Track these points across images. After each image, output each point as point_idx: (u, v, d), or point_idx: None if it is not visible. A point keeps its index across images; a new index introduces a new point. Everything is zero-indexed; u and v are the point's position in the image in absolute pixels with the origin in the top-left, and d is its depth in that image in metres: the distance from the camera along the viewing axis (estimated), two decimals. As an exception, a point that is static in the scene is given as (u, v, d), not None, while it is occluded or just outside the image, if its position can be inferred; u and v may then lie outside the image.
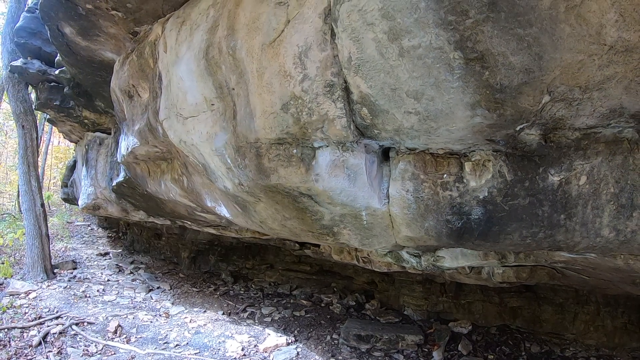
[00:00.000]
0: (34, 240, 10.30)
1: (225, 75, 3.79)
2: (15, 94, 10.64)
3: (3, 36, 10.94)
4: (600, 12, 2.05)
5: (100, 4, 5.01)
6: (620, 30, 2.08)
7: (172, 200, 7.20)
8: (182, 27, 4.36)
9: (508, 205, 3.22)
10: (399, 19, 2.46)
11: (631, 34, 2.07)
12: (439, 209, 3.48)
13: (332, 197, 3.76)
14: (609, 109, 2.54)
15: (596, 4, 2.03)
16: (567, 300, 7.98)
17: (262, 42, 3.29)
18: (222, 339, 7.83)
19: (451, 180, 3.36)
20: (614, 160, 2.81)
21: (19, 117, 10.64)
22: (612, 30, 2.09)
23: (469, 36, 2.34)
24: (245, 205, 4.80)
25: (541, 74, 2.38)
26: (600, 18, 2.07)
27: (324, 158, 3.54)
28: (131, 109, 6.39)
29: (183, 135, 4.70)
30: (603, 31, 2.11)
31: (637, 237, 2.91)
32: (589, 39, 2.16)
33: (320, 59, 3.01)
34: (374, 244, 4.36)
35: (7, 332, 7.07)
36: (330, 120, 3.26)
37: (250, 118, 3.63)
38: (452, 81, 2.60)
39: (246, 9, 3.40)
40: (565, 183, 2.97)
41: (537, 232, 3.27)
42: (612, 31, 2.09)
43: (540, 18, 2.14)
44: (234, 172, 4.25)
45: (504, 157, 3.13)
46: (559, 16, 2.12)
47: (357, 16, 2.63)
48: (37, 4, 10.42)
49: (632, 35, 2.07)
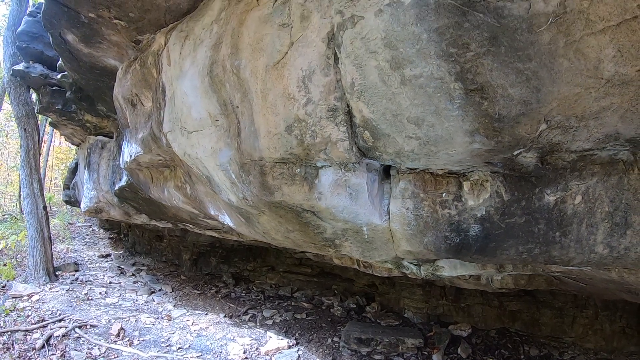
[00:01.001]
0: (36, 243, 10.30)
1: (230, 93, 3.83)
2: (17, 97, 10.61)
3: (5, 39, 10.91)
4: (598, 47, 2.11)
5: (102, 13, 5.03)
6: (618, 65, 2.13)
7: (175, 206, 7.23)
8: (185, 41, 4.40)
9: (505, 223, 3.28)
10: (402, 48, 2.52)
11: (628, 69, 2.12)
12: (437, 226, 3.55)
13: (334, 214, 3.83)
14: (605, 135, 2.59)
15: (595, 39, 2.09)
16: (566, 304, 8.02)
17: (266, 64, 3.33)
18: (224, 341, 7.85)
19: (450, 199, 3.42)
20: (609, 181, 2.86)
21: (21, 120, 10.63)
22: (609, 65, 2.14)
23: (470, 68, 2.40)
24: (249, 216, 4.85)
25: (539, 105, 2.44)
26: (598, 53, 2.12)
27: (326, 177, 3.61)
28: (134, 118, 6.41)
29: (187, 148, 4.74)
30: (601, 66, 2.16)
31: (631, 254, 2.96)
32: (586, 73, 2.21)
33: (324, 83, 3.06)
34: (375, 256, 4.42)
35: (11, 334, 7.08)
36: (333, 143, 3.32)
37: (255, 137, 3.68)
38: (452, 110, 2.67)
39: (250, 28, 3.45)
40: (561, 202, 3.03)
41: (533, 248, 3.33)
42: (610, 66, 2.14)
43: (540, 53, 2.20)
44: (238, 187, 4.31)
45: (502, 177, 3.19)
46: (557, 51, 2.17)
47: (360, 43, 2.68)
48: (39, 8, 10.50)
49: (629, 70, 2.13)
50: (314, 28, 2.99)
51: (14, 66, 10.36)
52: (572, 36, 2.11)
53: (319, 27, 2.96)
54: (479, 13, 2.19)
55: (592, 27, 2.05)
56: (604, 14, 2.01)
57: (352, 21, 2.67)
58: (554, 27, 2.10)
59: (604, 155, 2.81)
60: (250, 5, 3.50)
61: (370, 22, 2.58)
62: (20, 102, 10.63)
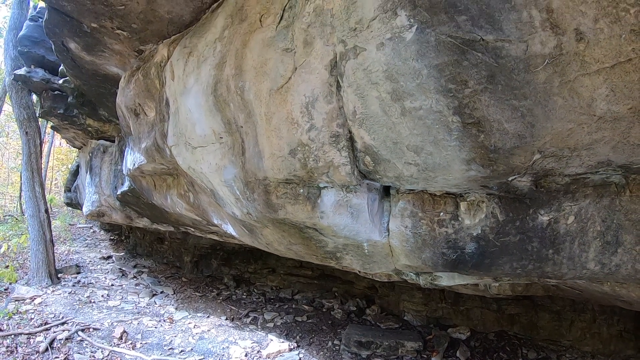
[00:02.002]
0: (38, 245, 10.32)
1: (234, 112, 3.90)
2: (19, 100, 10.63)
3: (6, 42, 10.92)
4: (592, 87, 2.19)
5: (105, 24, 5.07)
6: (611, 104, 2.21)
7: (178, 213, 7.29)
8: (189, 58, 4.45)
9: (499, 241, 3.37)
10: (402, 82, 2.61)
11: (620, 107, 2.21)
12: (435, 243, 3.64)
13: (335, 232, 3.92)
14: (597, 162, 2.67)
15: (589, 80, 2.17)
16: (564, 308, 8.05)
17: (269, 87, 3.41)
18: (226, 344, 7.87)
19: (447, 218, 3.51)
20: (601, 202, 2.95)
21: (23, 124, 10.65)
22: (602, 103, 2.23)
23: (467, 103, 2.50)
24: (252, 229, 4.93)
25: (533, 139, 2.53)
26: (592, 92, 2.21)
27: (328, 198, 3.71)
28: (137, 127, 6.46)
29: (192, 163, 4.81)
30: (594, 104, 2.25)
31: (622, 270, 3.05)
32: (579, 110, 2.30)
33: (327, 110, 3.15)
34: (375, 268, 4.51)
35: (14, 338, 7.10)
36: (335, 167, 3.41)
37: (259, 158, 3.76)
38: (449, 140, 2.76)
39: (254, 50, 3.52)
40: (554, 222, 3.12)
41: (527, 265, 3.42)
42: (603, 104, 2.23)
43: (535, 91, 2.29)
44: (242, 203, 4.39)
45: (497, 199, 3.28)
46: (552, 90, 2.26)
47: (362, 74, 2.77)
48: (40, 13, 10.52)
49: (622, 108, 2.21)
50: (317, 55, 3.06)
51: (15, 70, 10.37)
52: (567, 76, 2.19)
53: (322, 55, 3.03)
54: (477, 52, 2.28)
55: (587, 68, 2.14)
56: (599, 57, 2.09)
57: (355, 52, 2.75)
58: (549, 67, 2.19)
59: (597, 179, 2.89)
60: (253, 26, 3.56)
61: (372, 54, 2.66)
62: (21, 106, 10.65)
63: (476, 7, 2.20)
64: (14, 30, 10.73)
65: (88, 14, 4.93)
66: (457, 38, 2.30)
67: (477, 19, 2.22)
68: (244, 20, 3.70)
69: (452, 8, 2.26)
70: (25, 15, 11.08)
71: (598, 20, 2.01)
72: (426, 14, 2.35)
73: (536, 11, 2.09)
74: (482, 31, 2.23)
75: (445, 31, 2.32)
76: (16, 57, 10.62)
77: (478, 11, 2.20)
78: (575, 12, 2.03)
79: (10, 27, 10.91)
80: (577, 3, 2.01)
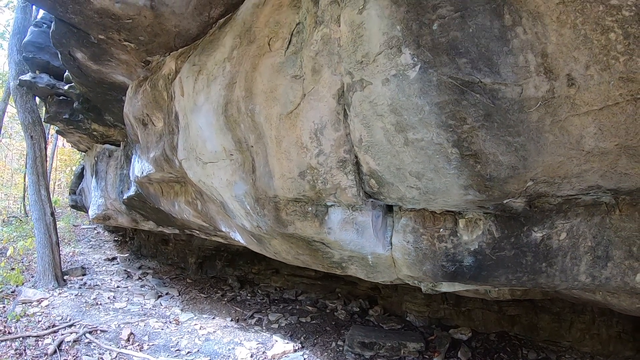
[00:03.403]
0: (44, 249, 10.35)
1: (244, 132, 4.05)
2: (23, 104, 10.66)
3: (10, 47, 10.99)
4: (581, 126, 2.36)
5: (112, 35, 5.12)
6: (598, 141, 2.38)
7: (185, 219, 7.39)
8: (199, 76, 4.57)
9: (495, 255, 3.53)
10: (406, 116, 2.79)
11: (607, 143, 2.38)
12: (435, 257, 3.81)
13: (342, 246, 4.10)
14: (587, 186, 2.83)
15: (579, 120, 2.34)
16: (564, 310, 8.14)
17: (279, 112, 3.57)
18: (232, 345, 7.92)
19: (446, 234, 3.68)
20: (592, 220, 3.09)
21: (27, 128, 10.68)
22: (590, 140, 2.39)
23: (466, 138, 2.68)
24: (261, 239, 5.08)
25: (525, 170, 2.72)
26: (581, 131, 2.38)
27: (335, 215, 3.89)
28: (145, 137, 6.55)
29: (203, 177, 4.95)
30: (582, 140, 2.41)
31: (611, 282, 3.19)
32: (569, 146, 2.47)
33: (335, 137, 3.33)
34: (378, 277, 4.67)
35: (23, 340, 7.13)
36: (342, 189, 3.60)
37: (269, 177, 3.93)
38: (448, 169, 2.95)
39: (263, 75, 3.66)
40: (547, 238, 3.26)
41: (521, 277, 3.58)
42: (591, 141, 2.40)
43: (528, 129, 2.46)
44: (252, 217, 4.54)
45: (493, 217, 3.45)
46: (544, 128, 2.43)
47: (368, 106, 2.94)
48: (44, 19, 10.58)
49: (608, 144, 2.38)
50: (325, 83, 3.22)
51: (20, 75, 10.44)
52: (558, 116, 2.36)
53: (329, 84, 3.19)
54: (476, 93, 2.45)
55: (577, 109, 2.30)
56: (589, 100, 2.25)
57: (361, 84, 2.92)
58: (542, 108, 2.36)
59: (588, 199, 3.03)
60: (262, 49, 3.70)
61: (377, 88, 2.83)
62: (26, 110, 10.69)
63: (476, 50, 2.36)
64: (18, 35, 10.78)
65: (95, 27, 5.00)
66: (458, 79, 2.46)
67: (477, 62, 2.38)
68: (253, 42, 3.83)
69: (453, 50, 2.42)
70: (29, 20, 11.14)
71: (589, 67, 2.16)
72: (429, 54, 2.51)
73: (532, 55, 2.25)
74: (481, 74, 2.39)
75: (447, 72, 2.49)
76: (20, 61, 10.67)
77: (477, 54, 2.36)
78: (568, 58, 2.19)
79: (14, 31, 10.96)
80: (571, 49, 2.17)
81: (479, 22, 2.29)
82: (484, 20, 2.28)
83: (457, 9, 2.32)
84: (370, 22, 2.72)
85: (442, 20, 2.39)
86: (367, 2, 2.69)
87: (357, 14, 2.77)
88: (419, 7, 2.45)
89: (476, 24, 2.30)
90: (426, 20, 2.44)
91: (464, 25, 2.34)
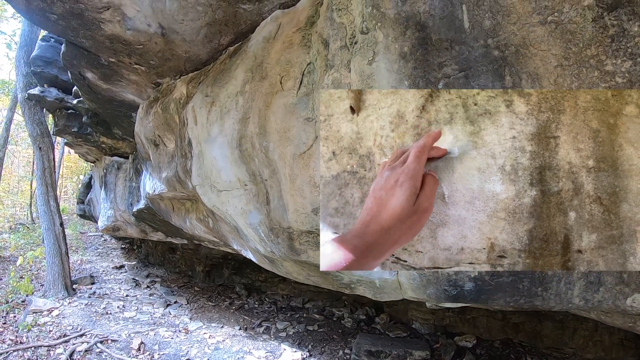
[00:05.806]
0: (54, 258, 10.45)
1: (258, 167, 4.17)
2: (32, 116, 10.80)
3: (17, 59, 11.11)
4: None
5: (123, 59, 5.26)
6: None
7: (197, 235, 7.50)
8: (212, 107, 4.70)
9: (494, 281, 3.65)
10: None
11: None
12: (438, 282, 3.93)
13: (351, 273, 4.23)
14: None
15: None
16: (567, 317, 8.19)
17: (293, 152, 3.67)
18: (241, 354, 7.96)
19: (449, 264, 3.81)
20: (585, 250, 3.24)
21: (36, 140, 10.79)
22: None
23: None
24: (274, 260, 5.20)
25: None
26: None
27: (346, 246, 4.00)
28: (157, 157, 6.67)
29: (217, 204, 5.07)
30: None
31: (603, 305, 3.29)
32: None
33: (346, 178, 3.44)
34: (385, 297, 4.80)
35: (34, 350, 7.20)
36: (353, 225, 3.71)
37: (284, 210, 4.05)
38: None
39: (277, 114, 3.78)
40: (542, 266, 3.41)
41: (519, 299, 3.69)
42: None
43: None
44: (266, 243, 4.65)
45: (493, 247, 3.58)
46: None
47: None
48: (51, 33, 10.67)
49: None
50: (337, 129, 3.33)
51: (28, 88, 10.57)
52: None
53: (341, 129, 3.31)
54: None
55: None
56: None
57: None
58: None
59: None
60: (274, 87, 3.83)
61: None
62: (35, 122, 10.82)
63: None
64: (25, 48, 10.92)
65: (106, 51, 5.13)
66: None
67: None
68: (265, 79, 3.95)
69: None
70: (36, 32, 11.27)
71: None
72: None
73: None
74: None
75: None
76: (28, 73, 10.80)
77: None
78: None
79: (21, 44, 11.09)
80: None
81: (482, 83, 2.41)
82: (486, 81, 2.39)
83: (462, 69, 2.45)
84: (379, 75, 2.83)
85: (447, 79, 2.51)
86: (377, 54, 2.81)
87: (367, 64, 2.88)
88: (425, 64, 2.58)
89: (479, 85, 2.42)
90: (432, 78, 2.56)
91: (467, 86, 2.45)
